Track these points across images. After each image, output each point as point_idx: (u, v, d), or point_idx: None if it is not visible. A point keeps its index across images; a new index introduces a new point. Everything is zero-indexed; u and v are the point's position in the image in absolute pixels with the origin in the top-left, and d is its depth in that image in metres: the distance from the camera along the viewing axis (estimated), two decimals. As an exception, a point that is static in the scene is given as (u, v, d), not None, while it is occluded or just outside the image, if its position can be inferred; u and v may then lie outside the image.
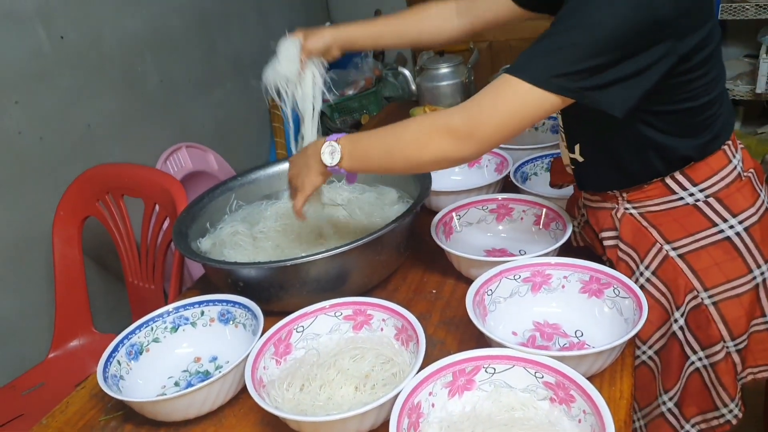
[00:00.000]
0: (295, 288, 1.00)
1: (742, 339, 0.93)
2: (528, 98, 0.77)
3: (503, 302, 0.93)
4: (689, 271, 0.91)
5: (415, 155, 0.86)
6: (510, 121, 0.79)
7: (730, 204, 0.89)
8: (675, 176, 0.89)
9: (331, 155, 0.93)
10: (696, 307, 0.92)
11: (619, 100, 0.77)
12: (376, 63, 3.15)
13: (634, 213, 0.94)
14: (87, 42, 1.87)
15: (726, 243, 0.90)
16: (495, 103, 0.80)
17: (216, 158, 2.33)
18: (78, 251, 1.59)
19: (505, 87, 0.79)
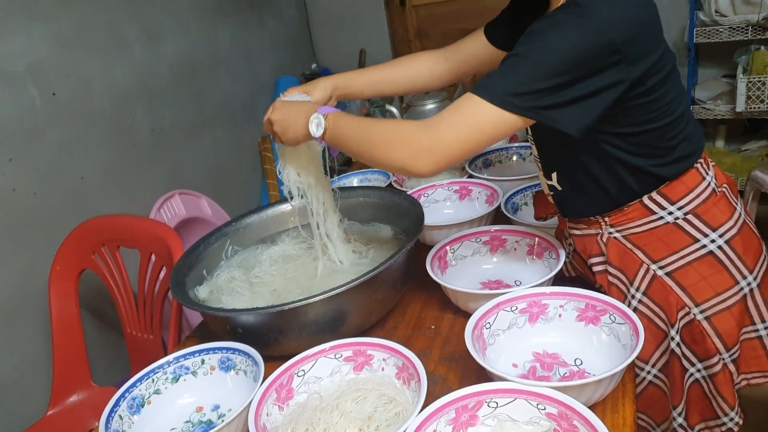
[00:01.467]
0: (294, 332, 1.00)
1: (735, 349, 0.95)
2: (486, 116, 0.81)
3: (502, 334, 0.93)
4: (678, 288, 0.93)
5: (376, 156, 0.90)
6: (468, 138, 0.83)
7: (709, 219, 0.92)
8: (652, 196, 0.92)
9: (316, 127, 0.98)
10: (689, 322, 0.94)
11: (573, 120, 0.81)
12: (364, 102, 3.21)
13: (619, 237, 0.96)
14: (78, 96, 1.91)
15: (710, 257, 0.92)
16: (455, 119, 0.84)
17: (209, 203, 2.34)
18: (75, 305, 1.59)
19: (466, 104, 0.83)
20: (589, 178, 0.94)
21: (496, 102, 0.80)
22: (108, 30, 2.04)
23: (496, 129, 0.82)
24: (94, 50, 1.97)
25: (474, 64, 1.16)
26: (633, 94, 0.83)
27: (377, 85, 1.20)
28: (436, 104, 1.96)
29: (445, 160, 0.85)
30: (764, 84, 2.35)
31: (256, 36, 3.01)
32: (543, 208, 1.12)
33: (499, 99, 0.80)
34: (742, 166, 2.59)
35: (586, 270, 1.04)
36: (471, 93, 0.82)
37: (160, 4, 2.31)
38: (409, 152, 0.86)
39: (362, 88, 1.20)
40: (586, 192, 0.96)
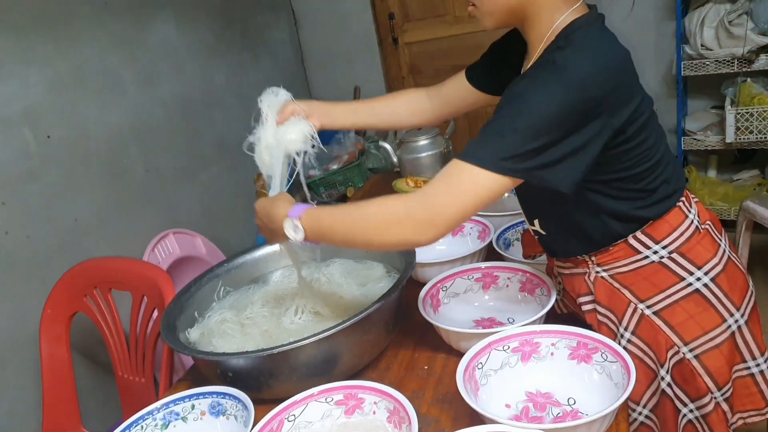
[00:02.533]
0: (285, 375, 0.99)
1: (727, 387, 0.94)
2: (479, 181, 0.82)
3: (494, 375, 0.92)
4: (666, 327, 0.93)
5: (375, 240, 0.89)
6: (466, 205, 0.84)
7: (693, 257, 0.93)
8: (637, 236, 0.93)
9: (294, 231, 0.96)
10: (679, 361, 0.93)
11: (565, 175, 0.82)
12: (358, 138, 3.24)
13: (606, 276, 0.97)
14: (73, 139, 1.93)
15: (696, 295, 0.92)
16: (450, 189, 0.84)
17: (204, 242, 2.34)
18: (66, 349, 1.57)
19: (458, 173, 0.83)
20: (572, 224, 0.95)
21: (489, 167, 0.81)
22: (103, 73, 2.07)
23: (491, 193, 0.83)
24: (89, 93, 2.00)
25: (455, 104, 1.18)
26: (615, 143, 0.84)
27: (357, 114, 1.22)
28: (428, 140, 1.98)
29: (447, 228, 0.86)
30: (752, 115, 2.38)
31: (252, 75, 3.06)
32: (531, 247, 1.13)
33: (491, 164, 0.81)
34: (734, 196, 2.60)
35: (576, 308, 1.04)
36: (460, 161, 0.83)
37: (155, 46, 2.35)
38: (409, 229, 0.86)
39: (343, 116, 1.20)
40: (570, 235, 0.97)
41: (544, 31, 0.88)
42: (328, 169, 3.13)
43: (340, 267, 1.33)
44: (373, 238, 0.89)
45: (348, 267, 1.33)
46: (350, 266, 1.33)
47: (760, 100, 2.40)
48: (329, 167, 3.13)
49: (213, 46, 2.74)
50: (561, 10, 0.87)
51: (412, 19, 3.47)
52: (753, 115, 2.38)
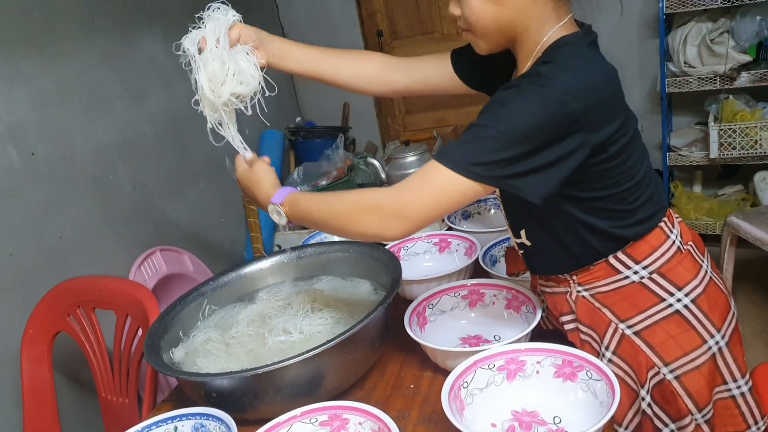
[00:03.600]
0: (269, 395, 0.98)
1: (708, 409, 0.94)
2: (449, 183, 0.83)
3: (479, 394, 0.92)
4: (647, 347, 0.93)
5: (346, 227, 0.92)
6: (434, 204, 0.85)
7: (674, 278, 0.93)
8: (618, 256, 0.93)
9: (278, 216, 0.99)
10: (660, 382, 0.93)
11: (535, 187, 0.82)
12: (347, 153, 3.25)
13: (587, 295, 0.97)
14: (58, 156, 1.91)
15: (677, 316, 0.92)
16: (421, 186, 0.86)
17: (191, 259, 2.32)
18: (48, 369, 1.55)
19: (430, 172, 0.85)
20: (554, 238, 0.95)
21: (459, 171, 0.82)
22: (89, 89, 2.07)
23: (461, 196, 0.84)
24: (75, 109, 1.99)
25: (430, 85, 1.13)
26: (595, 161, 0.85)
27: (317, 63, 1.11)
28: (416, 156, 2.00)
29: (414, 224, 0.87)
30: (734, 131, 2.42)
31: (240, 92, 3.06)
32: (514, 265, 1.13)
33: (462, 168, 0.82)
34: (718, 211, 2.63)
35: (559, 325, 1.04)
36: (435, 161, 0.85)
37: (142, 62, 2.35)
38: (377, 219, 0.88)
39: (299, 59, 1.10)
40: (553, 250, 0.97)
41: (533, 47, 0.89)
42: (317, 185, 3.12)
43: (327, 284, 1.32)
44: (345, 226, 0.92)
45: (335, 284, 1.32)
46: (337, 284, 1.32)
47: (742, 116, 2.44)
48: (318, 183, 3.13)
49: (201, 63, 2.74)
50: (549, 25, 0.88)
51: (401, 36, 3.50)
52: (735, 131, 2.42)
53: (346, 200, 0.93)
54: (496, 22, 0.88)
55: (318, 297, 1.26)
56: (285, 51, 1.10)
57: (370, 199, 0.90)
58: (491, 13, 0.87)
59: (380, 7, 3.46)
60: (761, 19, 2.32)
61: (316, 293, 1.28)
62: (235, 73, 1.00)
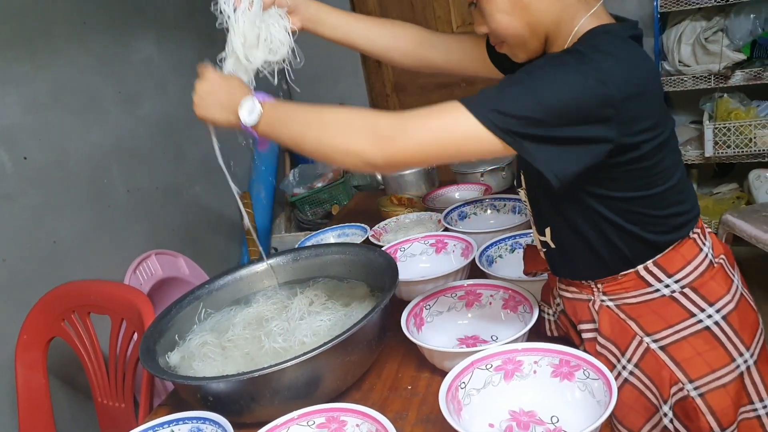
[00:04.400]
0: (266, 398, 0.97)
1: (732, 429, 0.90)
2: (461, 124, 0.77)
3: (477, 394, 0.91)
4: (672, 362, 0.89)
5: (330, 141, 0.83)
6: (435, 141, 0.78)
7: (706, 293, 0.89)
8: (648, 268, 0.89)
9: (249, 114, 0.89)
10: (683, 398, 0.89)
11: (550, 161, 0.76)
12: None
13: (612, 306, 0.92)
14: (51, 160, 1.90)
15: (706, 333, 0.88)
16: (428, 118, 0.79)
17: (187, 262, 2.32)
18: (43, 375, 1.54)
19: (444, 107, 0.79)
20: (581, 240, 0.90)
21: (476, 113, 0.75)
22: (83, 92, 2.06)
23: (466, 142, 0.77)
24: (68, 113, 1.98)
25: (464, 67, 1.09)
26: (626, 159, 0.80)
27: (352, 31, 1.09)
28: (411, 157, 1.99)
29: (403, 156, 0.80)
30: (729, 130, 2.42)
31: (235, 94, 3.05)
32: (533, 264, 1.07)
33: (480, 112, 0.75)
34: (714, 209, 2.63)
35: (572, 332, 1.01)
36: (456, 101, 0.78)
37: (137, 65, 2.34)
38: (368, 138, 0.80)
39: (334, 25, 1.08)
40: (579, 253, 0.92)
41: (566, 37, 0.86)
42: (312, 187, 3.12)
43: (324, 287, 1.31)
44: (329, 139, 0.83)
45: (331, 286, 1.31)
46: (334, 286, 1.32)
47: (736, 115, 2.44)
48: (314, 185, 3.13)
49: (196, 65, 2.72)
50: (579, 14, 0.84)
51: (395, 38, 3.50)
52: (730, 130, 2.42)
53: (338, 111, 0.85)
54: (528, 27, 0.86)
55: (314, 299, 1.26)
56: (320, 16, 1.06)
57: (367, 116, 0.81)
58: (519, 21, 0.85)
59: (374, 8, 3.46)
60: (755, 17, 2.33)
61: (313, 295, 1.27)
62: (266, 39, 0.99)
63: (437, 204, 1.80)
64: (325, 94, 3.61)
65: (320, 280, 1.34)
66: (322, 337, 1.12)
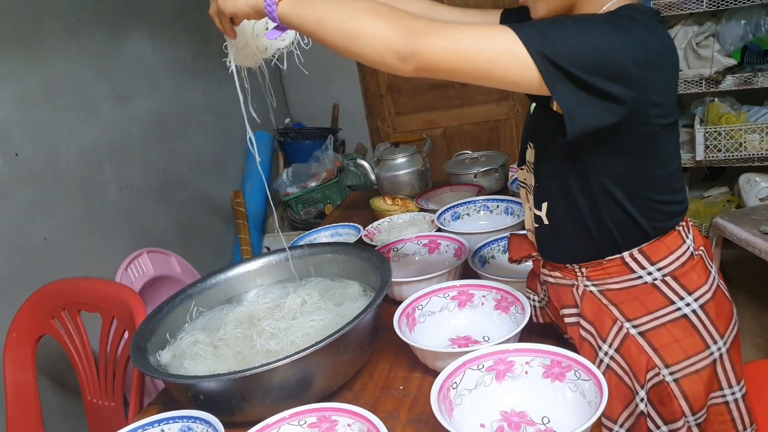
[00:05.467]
0: (258, 397, 0.97)
1: (702, 413, 0.94)
2: (499, 38, 0.76)
3: (468, 394, 0.92)
4: (650, 348, 0.92)
5: (355, 21, 0.79)
6: (468, 46, 0.76)
7: (686, 282, 0.92)
8: (633, 255, 0.91)
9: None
10: (658, 383, 0.93)
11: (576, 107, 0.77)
12: (337, 155, 3.24)
13: (594, 291, 0.95)
14: (43, 157, 1.89)
15: (684, 320, 0.91)
16: (466, 26, 0.77)
17: (179, 261, 2.31)
18: (32, 373, 1.53)
19: (493, 27, 0.78)
20: (577, 218, 0.92)
21: (519, 32, 0.75)
22: (76, 89, 2.04)
23: (500, 57, 0.76)
24: (60, 110, 1.97)
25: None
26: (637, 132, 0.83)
27: None
28: (406, 158, 1.99)
29: (432, 53, 0.76)
30: (720, 134, 2.44)
31: (229, 92, 3.03)
32: (518, 251, 1.08)
33: (524, 32, 0.75)
34: (705, 212, 2.65)
35: (558, 318, 1.03)
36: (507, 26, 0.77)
37: (130, 62, 2.33)
38: (400, 27, 0.76)
39: None
40: (570, 232, 0.94)
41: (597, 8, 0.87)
42: (306, 186, 3.12)
43: (317, 286, 1.31)
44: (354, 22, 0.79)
45: (324, 286, 1.31)
46: (327, 285, 1.32)
47: (727, 119, 2.46)
48: (307, 185, 3.12)
49: (190, 63, 2.73)
50: None
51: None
52: (721, 134, 2.44)
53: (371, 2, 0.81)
54: None
55: (307, 299, 1.25)
56: None
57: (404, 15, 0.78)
58: None
59: (369, 8, 3.46)
60: (746, 23, 2.35)
61: (305, 295, 1.27)
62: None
63: (430, 204, 1.80)
64: (319, 95, 3.62)
65: (313, 280, 1.34)
66: (314, 336, 1.12)
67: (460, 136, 3.60)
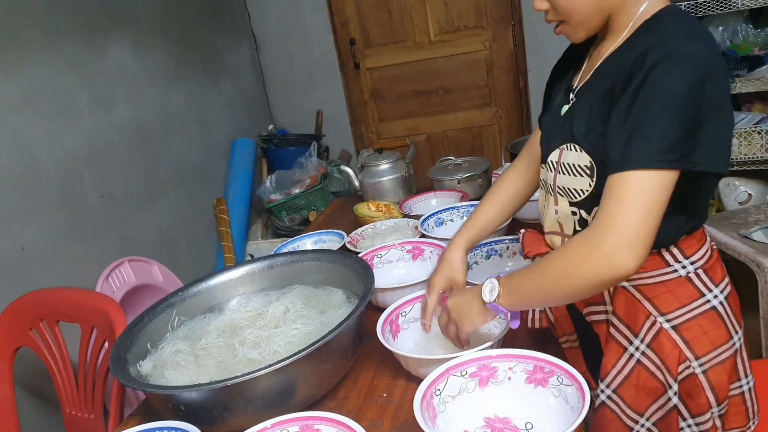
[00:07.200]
0: (240, 407, 0.96)
1: (724, 405, 0.95)
2: (647, 184, 0.78)
3: (452, 401, 0.91)
4: (681, 341, 0.92)
5: (565, 284, 0.85)
6: (649, 213, 0.78)
7: (713, 275, 0.94)
8: (670, 249, 0.92)
9: (490, 292, 0.95)
10: (688, 376, 0.93)
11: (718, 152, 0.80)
12: (320, 161, 3.24)
13: (627, 286, 0.94)
14: (21, 165, 1.86)
15: (713, 312, 0.93)
16: (620, 205, 0.79)
17: (161, 269, 2.28)
18: (9, 385, 1.49)
19: (621, 186, 0.79)
20: None
21: (651, 165, 0.78)
22: (55, 96, 2.02)
23: (661, 193, 0.79)
24: (39, 117, 1.94)
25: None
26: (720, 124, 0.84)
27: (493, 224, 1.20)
28: (390, 164, 1.99)
29: (640, 247, 0.79)
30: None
31: (212, 98, 3.03)
32: (534, 246, 1.07)
33: (653, 161, 0.78)
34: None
35: (562, 320, 1.03)
36: (618, 174, 0.79)
37: (111, 69, 2.31)
38: (599, 262, 0.80)
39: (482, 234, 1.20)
40: None
41: (628, 20, 0.88)
42: (290, 193, 3.11)
43: (300, 293, 1.30)
44: (563, 284, 0.85)
45: (307, 293, 1.30)
46: (310, 293, 1.31)
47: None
48: (291, 191, 3.11)
49: (171, 70, 2.71)
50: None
51: (374, 45, 3.51)
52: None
53: (554, 260, 0.87)
54: (594, 4, 0.87)
55: (290, 307, 1.25)
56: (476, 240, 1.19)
57: (576, 248, 0.83)
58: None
59: (353, 15, 3.47)
60: (723, 30, 2.39)
61: (288, 303, 1.26)
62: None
63: (414, 210, 1.80)
64: (303, 101, 3.61)
65: (296, 287, 1.33)
66: (296, 345, 1.11)
67: (443, 142, 3.62)
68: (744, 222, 2.02)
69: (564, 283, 0.85)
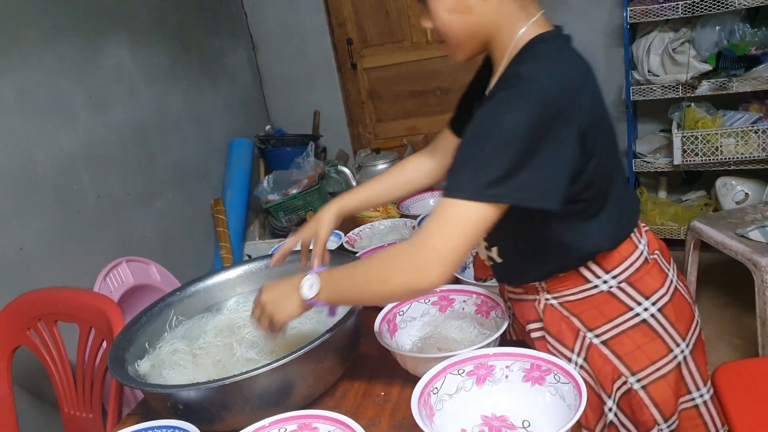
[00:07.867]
0: (238, 406, 0.96)
1: (674, 419, 0.94)
2: (468, 214, 0.79)
3: (449, 399, 0.92)
4: (614, 357, 0.93)
5: (379, 289, 0.87)
6: (460, 241, 0.80)
7: (642, 287, 0.93)
8: (588, 265, 0.93)
9: (309, 288, 0.94)
10: (627, 392, 0.93)
11: (549, 191, 0.79)
12: (318, 162, 3.24)
13: (555, 303, 0.97)
14: (17, 166, 1.86)
15: (644, 325, 0.93)
16: (441, 228, 0.81)
17: (158, 270, 2.28)
18: (7, 386, 1.49)
19: (446, 210, 0.81)
20: (528, 255, 0.95)
21: (474, 198, 0.79)
22: (52, 96, 2.02)
23: (481, 223, 0.80)
24: (36, 118, 1.94)
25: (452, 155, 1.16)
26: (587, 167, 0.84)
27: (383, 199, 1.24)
28: (387, 164, 2.01)
29: (448, 267, 0.82)
30: (696, 138, 2.48)
31: (209, 99, 3.03)
32: (482, 271, 1.13)
33: (475, 194, 0.79)
34: (683, 216, 2.69)
35: (524, 334, 1.03)
36: (445, 198, 0.82)
37: (108, 69, 2.31)
38: (411, 275, 0.83)
39: (363, 205, 1.23)
40: (525, 265, 0.96)
41: (507, 45, 0.88)
42: (287, 193, 3.10)
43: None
44: (377, 290, 0.88)
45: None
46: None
47: (703, 123, 2.50)
48: (289, 192, 3.11)
49: (169, 70, 2.71)
50: (521, 23, 0.87)
51: (371, 45, 3.51)
52: (698, 138, 2.48)
53: (374, 264, 0.89)
54: (467, 29, 0.88)
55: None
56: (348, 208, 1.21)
57: (398, 257, 0.85)
58: (460, 22, 0.87)
59: (350, 15, 3.47)
60: (720, 29, 2.40)
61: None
62: None
63: (412, 210, 1.81)
64: (300, 101, 3.61)
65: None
66: (294, 344, 1.11)
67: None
68: (741, 221, 2.03)
69: (379, 289, 0.87)
